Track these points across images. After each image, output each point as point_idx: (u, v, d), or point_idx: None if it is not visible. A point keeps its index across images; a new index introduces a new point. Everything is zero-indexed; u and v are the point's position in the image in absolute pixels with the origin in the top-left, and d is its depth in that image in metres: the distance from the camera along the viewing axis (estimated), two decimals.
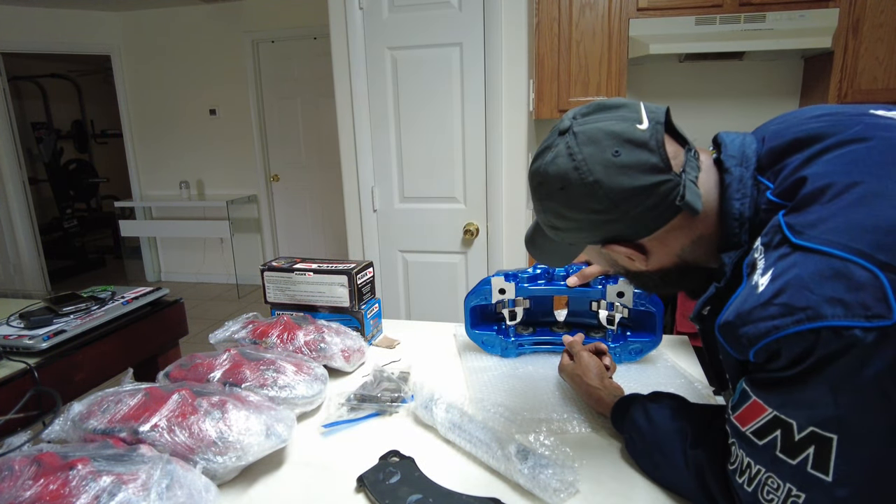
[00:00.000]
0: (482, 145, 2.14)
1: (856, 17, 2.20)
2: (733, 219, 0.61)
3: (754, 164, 0.61)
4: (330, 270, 1.21)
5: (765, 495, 0.55)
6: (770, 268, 0.53)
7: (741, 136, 0.65)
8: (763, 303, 0.51)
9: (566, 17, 2.37)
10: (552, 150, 0.63)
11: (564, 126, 0.63)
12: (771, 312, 0.51)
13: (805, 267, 0.50)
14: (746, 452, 0.56)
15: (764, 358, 0.53)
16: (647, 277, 0.71)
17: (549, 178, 0.63)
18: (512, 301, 1.13)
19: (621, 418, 0.81)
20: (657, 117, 0.60)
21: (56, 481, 0.61)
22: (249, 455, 0.75)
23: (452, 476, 0.77)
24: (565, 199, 0.62)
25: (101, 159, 6.40)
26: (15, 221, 4.40)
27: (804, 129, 0.60)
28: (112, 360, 1.30)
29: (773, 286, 0.51)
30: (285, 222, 4.76)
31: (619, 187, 0.59)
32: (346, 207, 2.33)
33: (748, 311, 0.53)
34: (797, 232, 0.52)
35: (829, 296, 0.48)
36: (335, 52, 2.18)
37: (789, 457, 0.52)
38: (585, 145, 0.60)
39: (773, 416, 0.53)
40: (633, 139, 0.59)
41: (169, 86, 4.64)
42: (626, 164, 0.59)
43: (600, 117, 0.61)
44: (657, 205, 0.60)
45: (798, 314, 0.49)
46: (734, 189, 0.61)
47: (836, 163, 0.55)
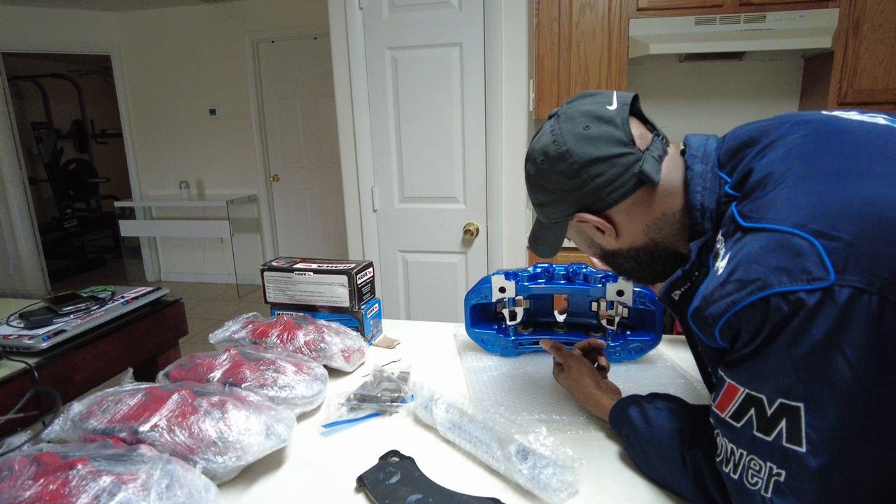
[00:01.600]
0: (482, 145, 2.14)
1: (856, 17, 2.20)
2: (696, 210, 0.67)
3: (714, 161, 0.68)
4: (330, 270, 1.21)
5: (749, 479, 0.57)
6: (727, 253, 0.59)
7: (705, 138, 0.72)
8: (721, 283, 0.57)
9: (566, 17, 2.37)
10: (540, 132, 0.74)
11: (553, 112, 0.74)
12: (728, 290, 0.55)
13: (753, 245, 0.55)
14: (729, 439, 0.59)
15: (729, 336, 0.57)
16: (622, 258, 0.76)
17: (535, 153, 0.73)
18: (512, 300, 1.13)
19: (619, 420, 0.81)
20: (625, 100, 0.70)
21: (56, 481, 0.61)
22: (249, 455, 0.75)
23: (452, 476, 0.77)
24: (545, 172, 0.71)
25: (101, 159, 6.41)
26: (15, 221, 4.40)
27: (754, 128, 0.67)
28: (112, 360, 1.30)
29: (729, 266, 0.57)
30: (285, 222, 4.76)
31: (586, 155, 0.68)
32: (346, 207, 2.33)
33: (710, 293, 0.58)
34: (746, 217, 0.59)
35: (774, 265, 0.52)
36: (335, 52, 2.18)
37: (765, 434, 0.55)
38: (564, 123, 0.70)
39: (746, 394, 0.56)
40: (602, 116, 0.68)
41: (169, 86, 4.64)
42: (594, 136, 0.67)
43: (580, 102, 0.71)
44: (619, 174, 0.68)
45: (750, 286, 0.53)
46: (695, 183, 0.67)
47: (776, 154, 0.61)
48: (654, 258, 0.74)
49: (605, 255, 0.78)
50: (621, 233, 0.73)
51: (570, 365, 0.95)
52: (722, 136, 0.72)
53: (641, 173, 0.67)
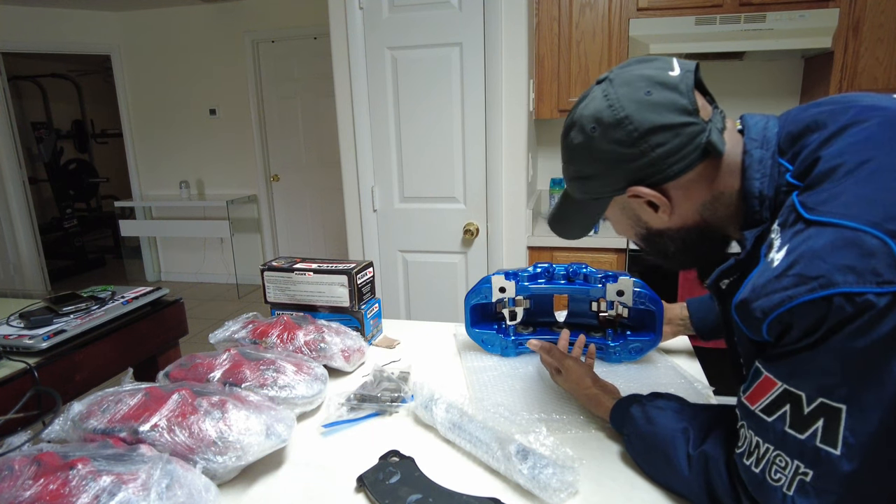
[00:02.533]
0: (482, 145, 2.14)
1: (856, 17, 2.20)
2: (753, 197, 0.63)
3: (775, 147, 0.64)
4: (330, 270, 1.21)
5: (772, 475, 0.56)
6: (785, 244, 0.55)
7: (764, 119, 0.67)
8: (777, 275, 0.53)
9: (566, 17, 2.37)
10: (588, 97, 0.67)
11: (602, 77, 0.67)
12: (784, 284, 0.52)
13: (818, 239, 0.52)
14: (755, 432, 0.58)
15: (777, 331, 0.54)
16: (669, 238, 0.71)
17: (584, 119, 0.65)
18: (512, 300, 1.13)
19: (621, 419, 0.81)
20: (688, 67, 0.64)
21: (56, 481, 0.61)
22: (249, 455, 0.75)
23: (452, 476, 0.77)
24: (596, 140, 0.64)
25: (101, 159, 6.40)
26: (15, 221, 4.40)
27: (819, 112, 0.63)
28: (112, 360, 1.30)
29: (787, 259, 0.53)
30: (285, 222, 4.75)
31: (648, 122, 0.61)
32: (346, 207, 2.33)
33: (763, 284, 0.55)
34: (810, 209, 0.55)
35: (840, 264, 0.49)
36: (335, 52, 2.18)
37: (798, 431, 0.53)
38: (620, 87, 0.64)
39: (783, 389, 0.55)
40: (665, 82, 0.62)
41: (169, 86, 4.64)
42: (657, 102, 0.61)
43: (637, 66, 0.65)
44: (683, 145, 0.62)
45: (811, 283, 0.50)
46: (754, 169, 0.63)
47: (847, 142, 0.57)
48: (703, 240, 0.70)
49: (651, 235, 0.72)
50: (675, 210, 0.67)
51: (567, 367, 0.95)
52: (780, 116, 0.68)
53: (709, 144, 0.62)
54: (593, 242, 2.25)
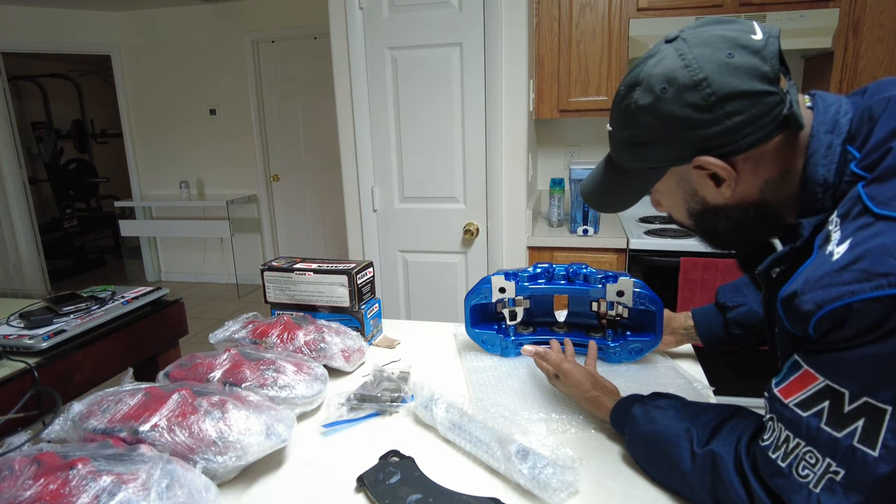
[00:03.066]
0: (482, 145, 2.14)
1: (856, 17, 2.20)
2: (817, 184, 0.60)
3: (845, 133, 0.60)
4: (330, 270, 1.21)
5: (799, 471, 0.54)
6: (848, 238, 0.52)
7: (838, 101, 0.63)
8: (838, 269, 0.51)
9: (566, 17, 2.37)
10: (657, 56, 0.62)
11: (672, 36, 0.62)
12: (846, 278, 0.50)
13: (889, 236, 0.49)
14: (786, 426, 0.56)
15: (827, 327, 0.52)
16: (724, 215, 0.66)
17: (653, 79, 0.60)
18: (512, 300, 1.13)
19: (621, 419, 0.80)
20: (772, 32, 0.59)
21: (56, 481, 0.61)
22: (249, 455, 0.75)
23: (452, 476, 0.77)
24: (666, 102, 0.59)
25: (101, 159, 6.40)
26: (15, 221, 4.40)
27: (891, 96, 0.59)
28: (112, 360, 1.30)
29: (852, 254, 0.51)
30: (285, 222, 4.75)
31: (728, 86, 0.57)
32: (346, 207, 2.33)
33: (819, 277, 0.52)
34: (880, 203, 0.52)
35: None
36: (335, 52, 2.18)
37: (835, 429, 0.52)
38: (697, 47, 0.59)
39: (824, 385, 0.53)
40: (748, 45, 0.58)
41: (169, 86, 4.64)
42: (739, 66, 0.57)
43: (714, 27, 0.61)
44: (762, 115, 0.58)
45: (878, 280, 0.48)
46: (821, 155, 0.59)
47: None
48: (758, 221, 0.65)
49: (706, 211, 0.67)
50: (738, 185, 0.62)
51: (565, 371, 0.93)
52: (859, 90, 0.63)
53: (791, 116, 0.57)
54: (593, 242, 2.25)
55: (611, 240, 2.24)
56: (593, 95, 2.41)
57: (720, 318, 1.03)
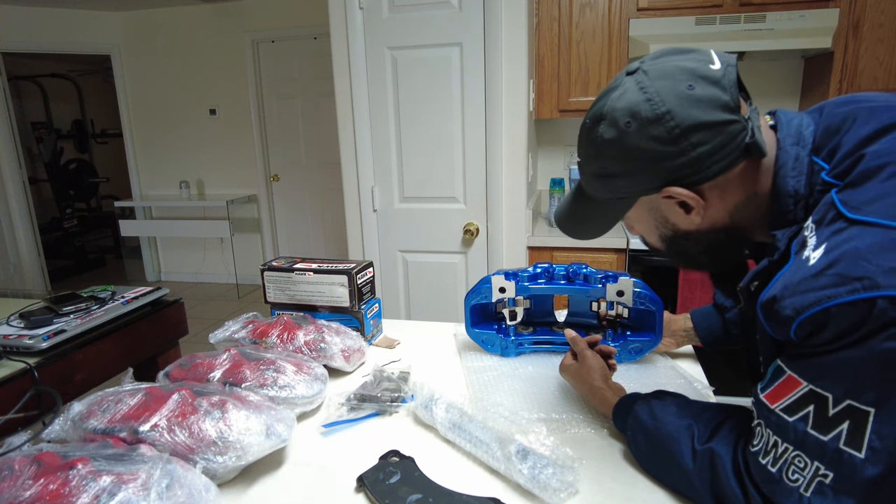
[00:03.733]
0: (482, 145, 2.14)
1: (856, 17, 2.20)
2: (788, 196, 0.61)
3: (810, 145, 0.61)
4: (330, 270, 1.21)
5: (789, 475, 0.55)
6: (823, 242, 0.53)
7: (798, 116, 0.64)
8: (815, 274, 0.52)
9: (566, 17, 2.37)
10: (619, 89, 0.62)
11: (633, 67, 0.63)
12: (822, 283, 0.51)
13: (862, 240, 0.50)
14: (774, 431, 0.56)
15: (807, 331, 0.53)
16: (694, 241, 0.68)
17: (616, 112, 0.61)
18: (512, 300, 1.13)
19: (624, 417, 0.80)
20: (729, 61, 0.61)
21: (56, 481, 0.61)
22: (249, 455, 0.75)
23: (452, 476, 0.77)
24: (631, 136, 0.61)
25: (101, 159, 6.40)
26: (15, 221, 4.40)
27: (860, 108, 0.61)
28: (112, 360, 1.30)
29: (827, 258, 0.51)
30: (285, 222, 4.75)
31: (691, 119, 0.58)
32: (346, 207, 2.33)
33: (797, 282, 0.53)
34: (853, 208, 0.53)
35: (887, 266, 0.48)
36: (335, 52, 2.18)
37: (821, 433, 0.52)
38: (658, 79, 0.60)
39: (808, 389, 0.53)
40: (707, 76, 0.59)
41: (169, 86, 4.64)
42: (700, 98, 0.58)
43: (674, 58, 0.62)
44: (725, 144, 0.59)
45: (853, 283, 0.49)
46: (789, 167, 0.61)
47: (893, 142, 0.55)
48: (728, 243, 0.68)
49: (677, 236, 0.69)
50: (708, 209, 0.64)
51: (585, 356, 0.93)
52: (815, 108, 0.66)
53: (753, 144, 0.59)
54: (593, 242, 2.25)
55: (611, 240, 2.24)
56: (593, 95, 2.41)
57: (719, 319, 1.04)
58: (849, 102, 0.63)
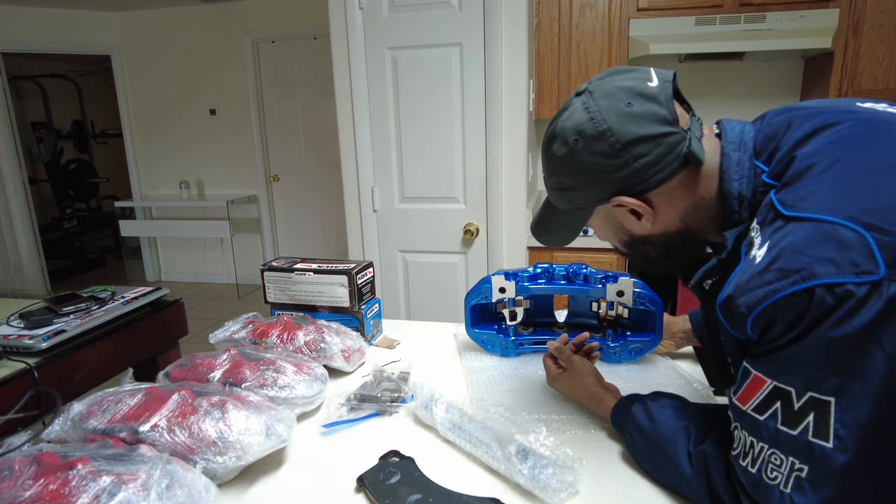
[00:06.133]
0: (482, 145, 2.14)
1: (856, 17, 2.20)
2: (733, 198, 0.65)
3: (751, 150, 0.66)
4: (330, 270, 1.21)
5: (769, 474, 0.56)
6: (766, 241, 0.57)
7: (741, 124, 0.68)
8: (760, 271, 0.55)
9: (566, 17, 2.37)
10: (568, 110, 0.68)
11: (581, 89, 0.68)
12: (767, 279, 0.54)
13: (798, 234, 0.54)
14: (749, 432, 0.58)
15: (761, 327, 0.55)
16: (651, 244, 0.73)
17: (566, 131, 0.66)
18: (512, 300, 1.13)
19: (622, 418, 0.81)
20: (666, 77, 0.66)
21: (56, 481, 0.61)
22: (249, 455, 0.75)
23: (452, 476, 0.77)
24: (579, 152, 0.66)
25: (101, 159, 6.40)
26: (15, 221, 4.40)
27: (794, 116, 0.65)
28: (112, 360, 1.30)
29: (769, 255, 0.55)
30: (285, 222, 4.76)
31: (630, 133, 0.63)
32: (346, 207, 2.33)
33: (746, 281, 0.56)
34: (788, 206, 0.57)
35: (821, 256, 0.51)
36: (335, 52, 2.18)
37: (790, 427, 0.54)
38: (601, 99, 0.65)
39: (773, 386, 0.56)
40: (644, 93, 0.63)
41: (169, 86, 4.64)
42: (637, 114, 0.63)
43: (615, 78, 0.67)
44: (665, 155, 0.63)
45: (793, 276, 0.52)
46: (732, 171, 0.65)
47: (821, 143, 0.60)
48: (684, 245, 0.72)
49: (634, 241, 0.74)
50: (657, 217, 0.69)
51: (574, 363, 0.94)
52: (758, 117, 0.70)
53: (690, 153, 0.64)
54: (593, 243, 2.25)
55: None
56: None
57: None
58: (786, 111, 0.67)
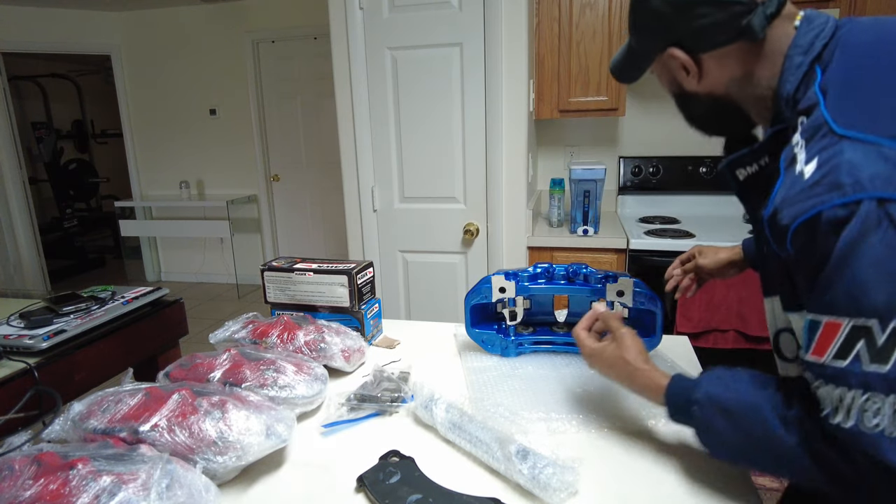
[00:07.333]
0: (482, 145, 2.14)
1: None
2: (783, 98, 0.66)
3: (816, 53, 0.64)
4: (330, 270, 1.21)
5: (867, 423, 0.52)
6: (815, 157, 0.57)
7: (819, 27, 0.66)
8: (811, 185, 0.56)
9: (566, 17, 2.37)
10: None
11: None
12: (818, 191, 0.54)
13: (852, 154, 0.54)
14: (836, 384, 0.55)
15: (802, 240, 0.56)
16: (698, 102, 0.76)
17: None
18: (512, 300, 1.13)
19: (685, 394, 0.71)
20: None
21: (56, 481, 0.61)
22: (249, 455, 0.75)
23: (452, 476, 0.77)
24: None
25: (101, 159, 6.40)
26: (15, 221, 4.40)
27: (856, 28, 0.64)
28: (112, 360, 1.30)
29: (821, 171, 0.55)
30: (285, 222, 4.75)
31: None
32: (346, 207, 2.33)
33: (795, 194, 0.57)
34: (843, 124, 0.56)
35: (873, 173, 0.52)
36: (335, 52, 2.18)
37: (881, 363, 0.51)
38: None
39: (851, 326, 0.53)
40: None
41: (169, 86, 4.64)
42: None
43: None
44: (725, 21, 0.66)
45: (844, 188, 0.53)
46: (791, 73, 0.65)
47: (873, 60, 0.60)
48: (727, 112, 0.74)
49: (682, 95, 0.77)
50: (705, 77, 0.72)
51: (623, 335, 0.82)
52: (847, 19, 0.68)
53: (748, 26, 0.65)
54: (593, 242, 2.25)
55: (611, 240, 2.24)
56: (593, 95, 2.41)
57: None
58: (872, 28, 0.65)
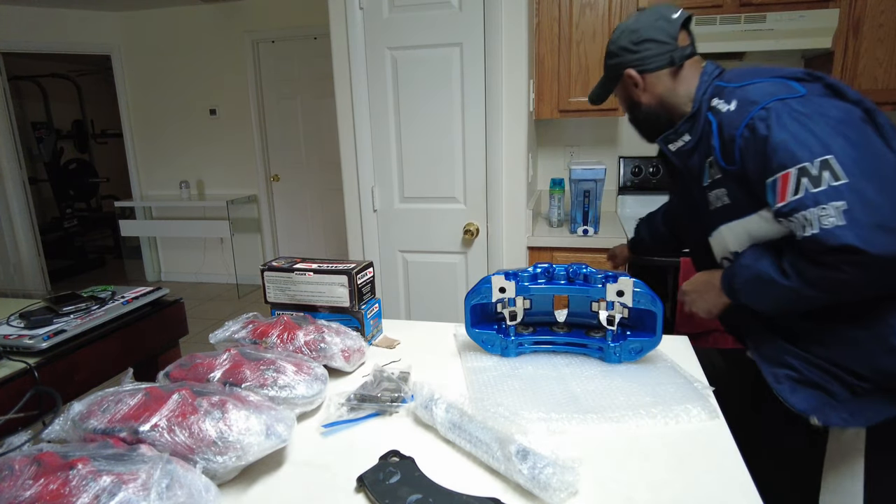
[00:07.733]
0: (482, 145, 2.14)
1: (856, 17, 2.20)
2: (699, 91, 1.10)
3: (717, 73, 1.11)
4: (330, 270, 1.21)
5: (825, 224, 0.85)
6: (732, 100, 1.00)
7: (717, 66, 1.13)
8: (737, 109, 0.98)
9: (566, 17, 2.37)
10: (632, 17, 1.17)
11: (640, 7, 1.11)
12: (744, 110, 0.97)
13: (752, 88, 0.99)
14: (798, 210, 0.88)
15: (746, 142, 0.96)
16: (642, 109, 1.18)
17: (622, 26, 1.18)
18: (512, 300, 1.13)
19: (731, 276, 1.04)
20: (684, 14, 1.13)
21: (56, 481, 0.61)
22: (249, 455, 0.75)
23: (452, 476, 0.77)
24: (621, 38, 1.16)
25: (101, 159, 6.40)
26: (15, 221, 4.40)
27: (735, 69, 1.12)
28: (112, 360, 1.30)
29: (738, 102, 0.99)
30: (285, 222, 4.75)
31: (648, 35, 1.13)
32: (346, 207, 2.33)
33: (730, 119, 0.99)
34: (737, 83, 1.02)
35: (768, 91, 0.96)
36: (335, 52, 2.18)
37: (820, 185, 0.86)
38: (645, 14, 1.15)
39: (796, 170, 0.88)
40: (667, 17, 1.12)
41: (169, 86, 4.64)
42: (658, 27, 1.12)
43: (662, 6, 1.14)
44: (660, 54, 1.12)
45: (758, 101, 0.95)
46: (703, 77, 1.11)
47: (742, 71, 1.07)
48: (659, 115, 1.16)
49: (632, 105, 1.20)
50: (647, 90, 1.15)
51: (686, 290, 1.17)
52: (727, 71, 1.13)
53: (672, 59, 1.11)
54: (593, 242, 2.25)
55: (611, 240, 2.24)
56: None
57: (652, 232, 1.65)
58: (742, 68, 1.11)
